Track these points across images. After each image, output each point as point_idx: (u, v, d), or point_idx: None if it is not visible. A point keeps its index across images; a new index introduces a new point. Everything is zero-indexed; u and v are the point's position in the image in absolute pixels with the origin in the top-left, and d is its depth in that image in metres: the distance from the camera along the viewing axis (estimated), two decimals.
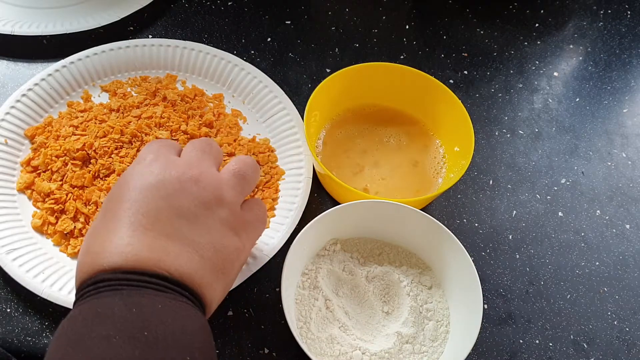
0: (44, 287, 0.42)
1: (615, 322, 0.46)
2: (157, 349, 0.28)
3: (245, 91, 0.55)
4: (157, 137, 0.49)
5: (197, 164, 0.36)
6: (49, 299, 0.42)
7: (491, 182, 0.53)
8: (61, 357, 0.28)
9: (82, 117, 0.51)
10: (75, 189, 0.47)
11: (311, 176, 0.49)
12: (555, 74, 0.62)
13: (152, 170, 0.35)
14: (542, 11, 0.67)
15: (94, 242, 0.33)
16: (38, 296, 0.42)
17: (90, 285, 0.31)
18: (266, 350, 0.43)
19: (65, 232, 0.46)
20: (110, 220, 0.33)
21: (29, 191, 0.48)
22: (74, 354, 0.27)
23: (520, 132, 0.57)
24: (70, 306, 0.41)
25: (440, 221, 0.43)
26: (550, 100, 0.60)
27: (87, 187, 0.47)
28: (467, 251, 0.41)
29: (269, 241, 0.46)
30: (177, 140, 0.49)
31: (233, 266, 0.35)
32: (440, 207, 0.51)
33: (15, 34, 0.57)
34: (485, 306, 0.46)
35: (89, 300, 0.30)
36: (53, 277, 0.43)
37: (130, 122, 0.50)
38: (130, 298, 0.30)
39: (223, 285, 0.35)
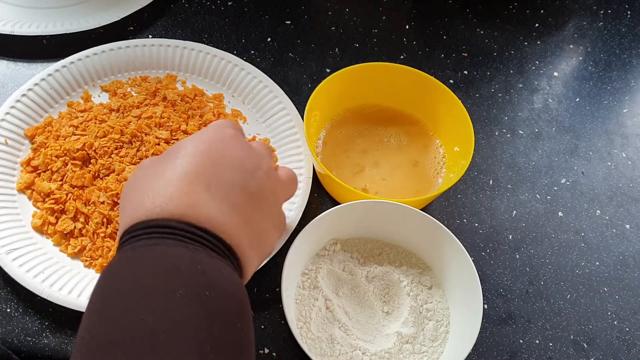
0: (44, 287, 0.42)
1: (615, 322, 0.46)
2: (217, 313, 0.28)
3: (245, 91, 0.55)
4: (157, 137, 0.49)
5: (268, 157, 0.39)
6: (49, 298, 0.42)
7: (491, 182, 0.53)
8: (120, 303, 0.27)
9: (82, 117, 0.51)
10: (75, 189, 0.47)
11: (311, 176, 0.49)
12: (555, 74, 0.62)
13: (232, 144, 0.36)
14: (542, 11, 0.67)
15: (160, 179, 0.33)
16: (38, 296, 0.42)
17: (152, 227, 0.30)
18: (266, 350, 0.43)
19: (65, 232, 0.46)
20: (178, 164, 0.33)
21: (29, 191, 0.48)
22: (135, 302, 0.27)
23: (520, 132, 0.57)
24: (71, 306, 0.41)
25: (440, 221, 0.43)
26: (550, 100, 0.60)
27: (87, 187, 0.47)
28: (467, 251, 0.41)
29: None
30: (177, 139, 0.49)
31: (267, 254, 0.37)
32: (440, 207, 0.51)
33: (15, 34, 0.57)
34: (485, 306, 0.46)
35: (151, 244, 0.29)
36: (53, 277, 0.43)
37: (130, 122, 0.50)
38: (197, 254, 0.30)
39: (256, 267, 0.36)
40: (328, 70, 0.59)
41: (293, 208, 0.47)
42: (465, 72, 0.61)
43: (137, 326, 0.26)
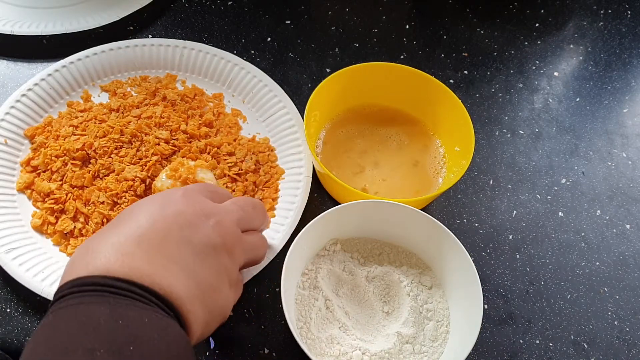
0: (43, 287, 0.42)
1: (616, 322, 0.46)
2: None
3: (245, 90, 0.55)
4: (156, 137, 0.49)
5: (225, 213, 0.37)
6: (48, 297, 0.42)
7: (491, 182, 0.53)
8: None
9: (81, 117, 0.51)
10: (75, 188, 0.47)
11: (311, 175, 0.49)
12: (556, 73, 0.62)
13: (176, 200, 0.35)
14: (542, 11, 0.67)
15: (95, 241, 0.32)
16: (38, 296, 0.42)
17: (75, 287, 0.30)
18: (266, 350, 0.43)
19: (64, 232, 0.46)
20: (118, 227, 0.33)
21: (29, 191, 0.48)
22: None
23: (521, 132, 0.57)
24: None
25: (440, 221, 0.43)
26: (551, 100, 0.60)
27: (86, 187, 0.47)
28: (467, 251, 0.41)
29: (269, 241, 0.46)
30: (176, 139, 0.49)
31: (219, 313, 0.35)
32: (440, 207, 0.51)
33: (15, 34, 0.57)
34: (485, 306, 0.46)
35: (72, 304, 0.29)
36: (52, 276, 0.43)
37: (130, 122, 0.50)
38: (118, 308, 0.29)
39: (205, 325, 0.34)
40: (328, 70, 0.59)
41: (293, 208, 0.47)
42: (466, 72, 0.61)
43: None
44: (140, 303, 0.30)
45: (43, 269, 0.43)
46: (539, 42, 0.64)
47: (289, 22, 0.63)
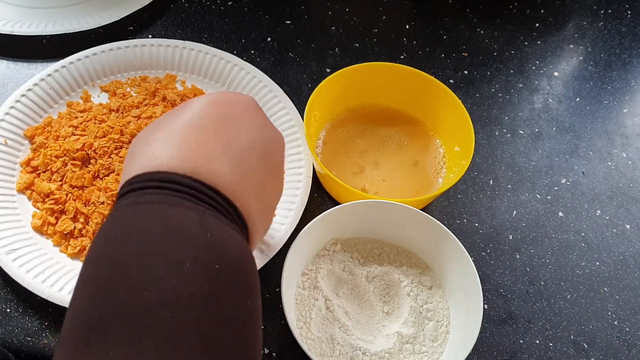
0: (44, 288, 0.42)
1: (616, 322, 0.46)
2: (225, 287, 0.25)
3: (245, 91, 0.55)
4: None
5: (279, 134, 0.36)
6: (49, 299, 0.42)
7: (491, 182, 0.53)
8: (116, 275, 0.24)
9: (81, 117, 0.51)
10: (75, 189, 0.47)
11: (311, 176, 0.49)
12: (556, 73, 0.62)
13: (263, 118, 0.34)
14: (542, 11, 0.67)
15: (167, 129, 0.29)
16: (38, 296, 0.42)
17: (159, 181, 0.27)
18: (266, 350, 0.43)
19: (65, 233, 0.46)
20: (189, 115, 0.30)
21: (29, 191, 0.47)
22: (139, 270, 0.24)
23: (521, 132, 0.57)
24: None
25: (440, 221, 0.43)
26: (551, 100, 0.60)
27: (86, 187, 0.47)
28: (467, 251, 0.41)
29: (269, 241, 0.46)
30: None
31: (268, 228, 0.35)
32: (440, 207, 0.51)
33: (15, 34, 0.57)
34: (485, 306, 0.46)
35: (159, 201, 0.26)
36: (53, 277, 0.43)
37: (129, 122, 0.50)
38: (206, 219, 0.26)
39: (264, 233, 0.33)
40: (328, 70, 0.59)
41: (293, 208, 0.47)
42: (466, 72, 0.61)
43: (138, 300, 0.23)
44: (223, 217, 0.28)
45: (43, 270, 0.43)
46: (539, 42, 0.64)
47: (289, 22, 0.63)
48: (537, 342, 0.45)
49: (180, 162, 0.28)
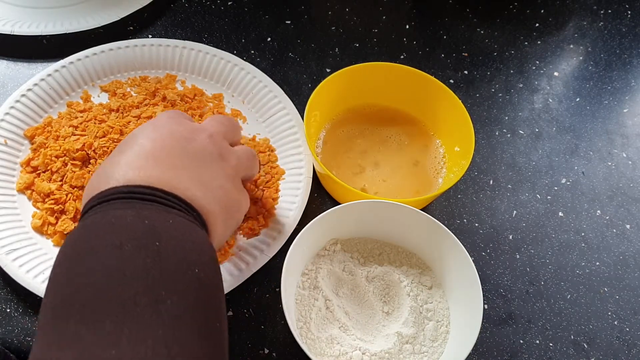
0: (44, 288, 0.42)
1: (616, 322, 0.46)
2: (167, 261, 0.28)
3: (245, 91, 0.55)
4: None
5: (211, 127, 0.39)
6: None
7: (491, 182, 0.53)
8: (70, 266, 0.28)
9: (81, 117, 0.51)
10: (75, 189, 0.47)
11: (311, 176, 0.49)
12: (556, 73, 0.62)
13: (165, 122, 0.38)
14: (542, 11, 0.67)
15: (107, 165, 0.34)
16: (38, 296, 0.42)
17: (101, 200, 0.31)
18: (266, 350, 0.43)
19: (65, 233, 0.46)
20: (123, 152, 0.35)
21: (29, 191, 0.47)
22: (85, 262, 0.28)
23: (521, 132, 0.57)
24: None
25: (440, 221, 0.43)
26: (551, 100, 0.60)
27: None
28: (467, 251, 0.41)
29: (269, 241, 0.46)
30: None
31: (237, 211, 0.38)
32: (440, 207, 0.51)
33: (15, 34, 0.57)
34: (486, 306, 0.46)
35: (100, 211, 0.31)
36: None
37: (129, 122, 0.50)
38: (143, 210, 0.30)
39: (226, 225, 0.36)
40: (328, 70, 0.59)
41: (293, 208, 0.47)
42: (466, 72, 0.61)
43: (92, 282, 0.27)
44: (164, 206, 0.32)
45: (43, 270, 0.43)
46: (539, 42, 0.64)
47: (289, 22, 0.63)
48: (537, 342, 0.45)
49: (117, 181, 0.32)
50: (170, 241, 0.29)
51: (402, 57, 0.61)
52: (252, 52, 0.60)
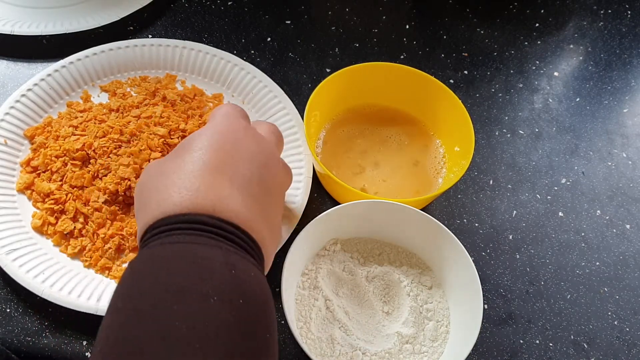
0: (44, 288, 0.42)
1: (616, 322, 0.46)
2: (249, 318, 0.27)
3: (245, 91, 0.55)
4: (153, 134, 0.49)
5: (276, 146, 0.39)
6: (49, 299, 0.42)
7: (491, 182, 0.53)
8: (151, 300, 0.26)
9: (81, 117, 0.51)
10: (75, 189, 0.47)
11: (311, 176, 0.49)
12: (556, 73, 0.62)
13: (245, 135, 0.36)
14: (542, 11, 0.67)
15: (178, 176, 0.32)
16: (38, 296, 0.42)
17: (183, 223, 0.29)
18: None
19: (65, 233, 0.46)
20: (195, 160, 0.32)
21: (29, 191, 0.47)
22: (169, 303, 0.25)
23: (521, 132, 0.57)
24: (71, 306, 0.41)
25: (440, 221, 0.43)
26: (551, 100, 0.60)
27: (86, 187, 0.47)
28: (467, 251, 0.41)
29: None
30: (173, 138, 0.49)
31: (279, 234, 0.37)
32: (440, 207, 0.51)
33: (15, 34, 0.57)
34: (485, 306, 0.46)
35: (186, 241, 0.28)
36: (53, 277, 0.43)
37: (129, 122, 0.50)
38: (230, 256, 0.29)
39: (273, 254, 0.36)
40: (328, 70, 0.59)
41: (293, 208, 0.47)
42: (466, 72, 0.61)
43: (169, 331, 0.25)
44: (245, 252, 0.30)
45: (43, 270, 0.43)
46: (539, 42, 0.64)
47: (289, 22, 0.63)
48: (537, 342, 0.45)
49: (200, 206, 0.30)
50: (252, 300, 0.28)
51: (402, 57, 0.61)
52: (252, 52, 0.60)
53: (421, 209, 0.46)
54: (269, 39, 0.61)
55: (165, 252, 0.28)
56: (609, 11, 0.68)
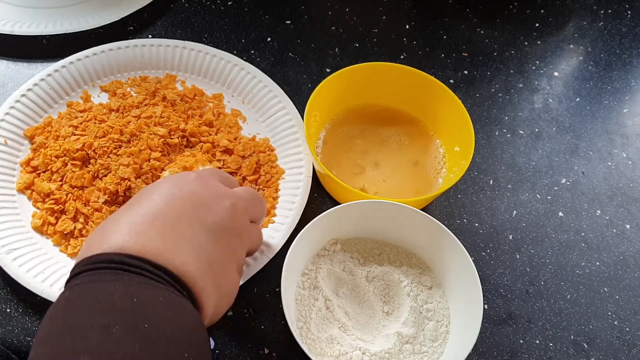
0: (44, 287, 0.42)
1: (616, 322, 0.46)
2: (157, 344, 0.27)
3: (245, 91, 0.55)
4: (153, 134, 0.49)
5: (237, 198, 0.37)
6: (49, 298, 0.42)
7: (491, 182, 0.53)
8: (56, 344, 0.27)
9: (81, 117, 0.51)
10: (75, 189, 0.47)
11: (311, 175, 0.49)
12: (556, 73, 0.62)
13: (190, 181, 0.36)
14: (542, 11, 0.67)
15: (111, 222, 0.33)
16: (38, 296, 0.42)
17: (91, 264, 0.30)
18: (266, 350, 0.43)
19: (65, 232, 0.46)
20: (133, 208, 0.33)
21: (29, 191, 0.47)
22: (71, 341, 0.26)
23: (521, 132, 0.57)
24: None
25: (440, 221, 0.43)
26: (551, 100, 0.60)
27: (86, 187, 0.47)
28: (467, 251, 0.41)
29: (269, 241, 0.46)
30: (173, 138, 0.49)
31: (231, 296, 0.36)
32: (440, 207, 0.51)
33: (15, 34, 0.57)
34: (485, 306, 0.46)
35: (87, 281, 0.29)
36: (53, 277, 0.43)
37: (129, 122, 0.50)
38: (132, 287, 0.29)
39: (217, 307, 0.34)
40: (328, 70, 0.59)
41: (293, 208, 0.47)
42: (466, 72, 0.61)
43: None
44: (154, 281, 0.30)
45: (43, 270, 0.43)
46: (539, 42, 0.64)
47: (289, 22, 0.63)
48: (537, 342, 0.45)
49: (110, 244, 0.30)
50: (160, 323, 0.28)
51: (402, 57, 0.61)
52: (252, 52, 0.60)
53: (421, 209, 0.46)
54: (269, 39, 0.61)
55: (70, 294, 0.29)
56: (609, 11, 0.68)
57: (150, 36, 0.60)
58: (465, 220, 0.50)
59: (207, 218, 0.34)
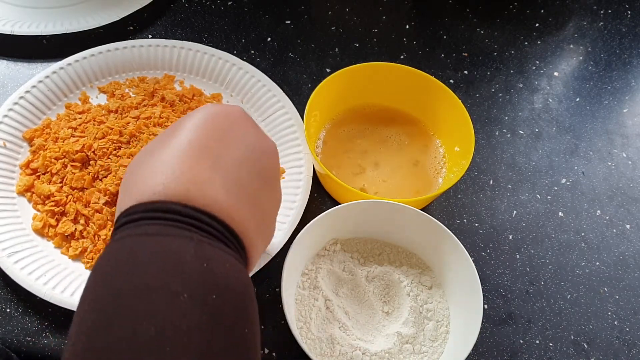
0: (45, 290, 0.42)
1: (616, 322, 0.46)
2: (222, 317, 0.25)
3: (244, 91, 0.55)
4: (152, 135, 0.49)
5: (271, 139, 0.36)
6: (51, 301, 0.42)
7: (491, 182, 0.53)
8: (123, 305, 0.24)
9: (80, 118, 0.51)
10: (75, 190, 0.47)
11: (311, 175, 0.49)
12: (556, 73, 0.62)
13: (244, 124, 0.34)
14: (542, 11, 0.67)
15: (157, 159, 0.29)
16: (38, 296, 0.42)
17: (151, 212, 0.27)
18: (266, 351, 0.43)
19: (66, 234, 0.46)
20: (177, 142, 0.30)
21: (29, 194, 0.47)
22: (139, 307, 0.24)
23: (521, 132, 0.57)
24: (74, 308, 0.41)
25: (440, 221, 0.43)
26: (551, 100, 0.60)
27: (86, 188, 0.47)
28: (467, 251, 0.41)
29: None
30: None
31: (269, 240, 0.35)
32: (440, 207, 0.51)
33: (15, 34, 0.57)
34: (485, 306, 0.46)
35: (152, 232, 0.26)
36: (55, 279, 0.43)
37: (128, 122, 0.50)
38: (202, 248, 0.26)
39: (259, 256, 0.33)
40: (328, 70, 0.59)
41: (293, 207, 0.47)
42: (466, 72, 0.61)
43: (137, 334, 0.23)
44: (221, 243, 0.28)
45: (45, 272, 0.43)
46: (539, 42, 0.64)
47: (289, 22, 0.63)
48: (537, 342, 0.45)
49: (173, 192, 0.28)
50: (226, 295, 0.26)
51: (402, 57, 0.61)
52: (252, 52, 0.60)
53: (421, 209, 0.46)
54: (269, 39, 0.61)
55: (130, 245, 0.26)
56: (609, 11, 0.68)
57: (150, 36, 0.60)
58: (465, 220, 0.50)
59: (258, 163, 0.32)
